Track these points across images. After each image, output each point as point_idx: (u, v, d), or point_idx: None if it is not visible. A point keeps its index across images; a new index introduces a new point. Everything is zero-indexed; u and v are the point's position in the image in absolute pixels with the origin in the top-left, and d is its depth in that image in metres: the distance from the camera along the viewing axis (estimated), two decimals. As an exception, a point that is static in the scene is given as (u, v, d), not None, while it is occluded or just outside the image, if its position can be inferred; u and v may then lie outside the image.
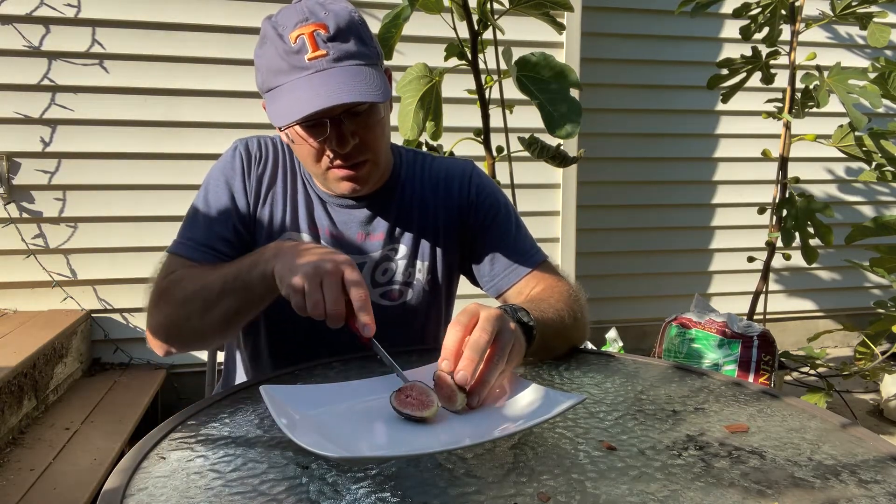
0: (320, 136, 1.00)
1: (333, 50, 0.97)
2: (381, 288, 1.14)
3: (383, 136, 1.07)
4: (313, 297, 0.81)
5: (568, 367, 0.99)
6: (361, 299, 0.81)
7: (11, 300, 2.58)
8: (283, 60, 0.97)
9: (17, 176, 2.53)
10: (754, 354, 2.31)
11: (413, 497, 0.61)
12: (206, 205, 1.11)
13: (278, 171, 1.14)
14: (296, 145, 1.05)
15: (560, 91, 1.66)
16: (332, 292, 0.81)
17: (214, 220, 1.09)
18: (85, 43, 2.54)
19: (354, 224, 1.14)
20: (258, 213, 1.12)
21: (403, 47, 2.62)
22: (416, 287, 1.16)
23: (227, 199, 1.11)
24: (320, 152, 1.02)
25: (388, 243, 1.14)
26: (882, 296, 3.61)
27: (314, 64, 0.96)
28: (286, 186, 1.14)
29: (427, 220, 1.17)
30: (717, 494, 0.61)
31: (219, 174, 1.13)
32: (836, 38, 3.51)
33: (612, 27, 3.25)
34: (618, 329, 2.70)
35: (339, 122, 0.99)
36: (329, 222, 1.13)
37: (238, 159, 1.13)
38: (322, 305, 0.81)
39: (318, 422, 0.75)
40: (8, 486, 1.72)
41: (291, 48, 0.96)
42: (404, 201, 1.16)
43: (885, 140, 2.35)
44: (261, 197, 1.12)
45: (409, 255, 1.15)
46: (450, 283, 1.22)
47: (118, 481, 0.64)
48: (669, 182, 3.42)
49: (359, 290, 0.81)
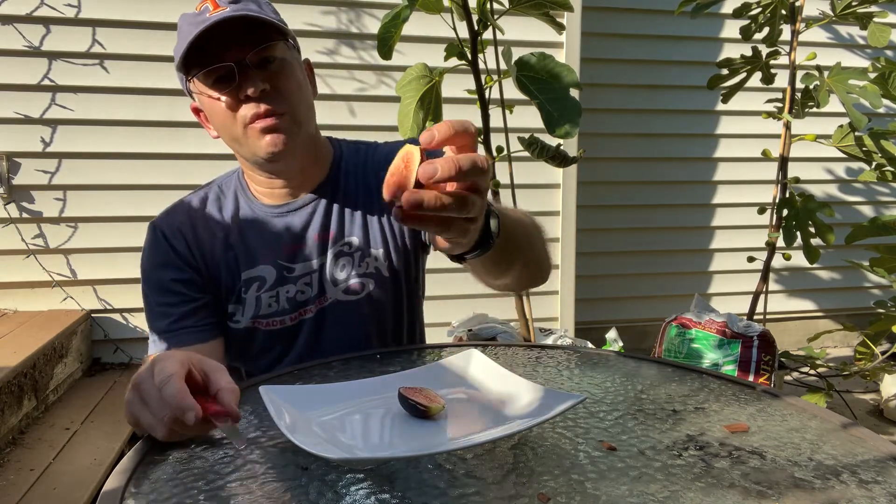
0: (228, 85, 0.99)
1: (234, 7, 0.98)
2: (342, 284, 1.13)
3: (300, 92, 1.05)
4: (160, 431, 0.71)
5: (568, 366, 0.99)
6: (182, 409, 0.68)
7: (11, 300, 2.58)
8: (189, 25, 0.98)
9: (17, 176, 2.53)
10: (754, 354, 2.31)
11: (413, 498, 0.61)
12: (154, 293, 1.09)
13: (208, 225, 1.11)
14: (212, 113, 1.03)
15: (560, 91, 1.65)
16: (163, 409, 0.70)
17: (170, 302, 1.08)
18: (85, 43, 2.54)
19: (305, 227, 1.12)
20: (209, 272, 1.10)
21: (403, 47, 2.63)
22: (376, 277, 1.14)
23: (169, 279, 1.08)
24: (234, 107, 1.00)
25: (340, 238, 1.13)
26: (882, 296, 3.61)
27: (214, 15, 0.96)
28: (222, 233, 1.11)
29: (373, 206, 1.14)
30: (717, 495, 0.61)
31: (149, 263, 1.11)
32: (836, 38, 3.51)
33: (612, 27, 3.25)
34: (618, 329, 2.69)
35: (247, 66, 0.98)
36: (281, 239, 1.11)
37: (161, 239, 1.10)
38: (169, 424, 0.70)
39: (317, 423, 0.75)
40: (8, 486, 1.72)
41: (195, 13, 0.99)
42: (349, 192, 1.14)
43: (885, 140, 2.35)
44: (204, 259, 1.10)
45: (362, 245, 1.13)
46: (410, 267, 1.18)
47: (118, 482, 0.64)
48: (669, 182, 3.43)
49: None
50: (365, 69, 2.82)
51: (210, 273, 1.11)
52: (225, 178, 1.18)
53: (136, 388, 0.73)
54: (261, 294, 1.10)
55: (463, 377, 0.87)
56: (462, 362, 0.90)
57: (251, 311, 1.11)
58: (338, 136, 1.22)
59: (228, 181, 1.17)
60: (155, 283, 1.10)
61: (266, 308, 1.11)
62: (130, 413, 0.74)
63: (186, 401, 0.68)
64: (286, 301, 1.11)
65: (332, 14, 2.78)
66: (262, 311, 1.11)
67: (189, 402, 0.68)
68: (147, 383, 0.71)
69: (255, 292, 1.10)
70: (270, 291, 1.11)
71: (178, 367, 0.71)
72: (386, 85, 2.82)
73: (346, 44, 2.80)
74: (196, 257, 1.10)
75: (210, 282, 1.11)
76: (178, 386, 0.69)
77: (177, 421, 0.68)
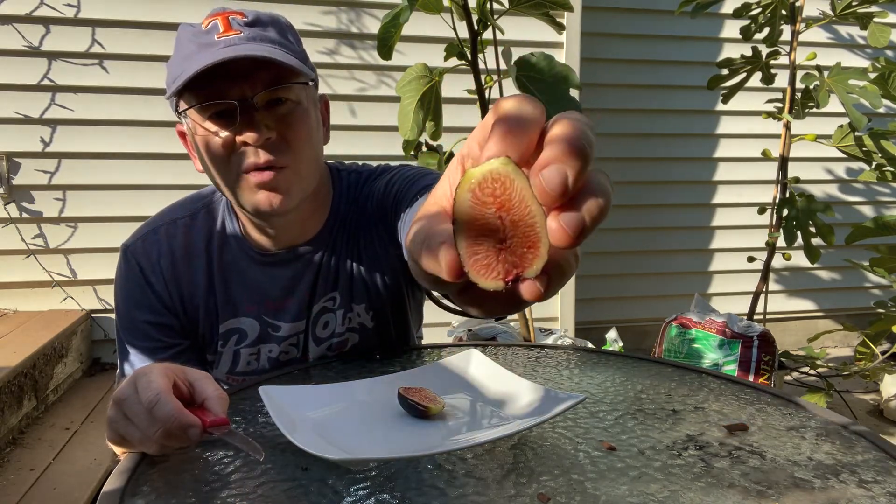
0: (227, 123, 0.85)
1: (249, 32, 0.85)
2: (325, 343, 1.03)
3: (309, 142, 0.90)
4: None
5: (568, 366, 0.99)
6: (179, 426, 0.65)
7: (11, 300, 2.58)
8: (192, 43, 0.84)
9: (17, 176, 2.53)
10: (754, 354, 2.31)
11: (413, 498, 0.61)
12: (127, 332, 0.98)
13: (190, 262, 0.99)
14: (202, 147, 0.88)
15: (560, 91, 1.65)
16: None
17: (145, 347, 0.97)
18: (85, 43, 2.54)
19: (296, 282, 1.00)
20: (187, 317, 0.99)
21: (403, 47, 2.63)
22: (360, 330, 1.04)
23: (143, 321, 0.97)
24: (229, 148, 0.86)
25: (326, 293, 1.01)
26: (882, 296, 3.61)
27: (225, 40, 0.83)
28: (205, 273, 0.99)
29: (359, 250, 1.01)
30: (717, 494, 0.61)
31: (122, 297, 0.99)
32: (836, 38, 3.51)
33: (612, 27, 3.25)
34: (618, 329, 2.69)
35: (252, 107, 0.84)
36: (269, 292, 0.99)
37: (136, 272, 0.98)
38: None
39: (317, 423, 0.75)
40: (8, 486, 1.71)
41: (201, 30, 0.85)
42: (340, 245, 1.01)
43: (885, 140, 2.35)
44: (182, 302, 0.98)
45: (343, 302, 1.02)
46: (404, 300, 1.07)
47: (118, 482, 0.64)
48: (669, 182, 3.43)
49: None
50: (365, 69, 2.82)
51: (188, 319, 0.99)
52: (214, 196, 1.03)
53: (118, 406, 0.68)
54: (240, 349, 1.00)
55: (463, 377, 0.87)
56: (462, 362, 0.90)
57: (227, 366, 1.01)
58: (338, 135, 1.21)
59: (217, 203, 1.03)
60: (127, 322, 0.98)
61: (244, 365, 1.01)
62: (114, 431, 0.69)
63: (186, 418, 0.65)
64: (267, 361, 1.01)
65: (332, 14, 2.78)
66: (239, 367, 1.01)
67: (190, 418, 0.65)
68: (132, 400, 0.66)
69: (233, 346, 1.00)
70: (251, 348, 1.00)
71: (164, 381, 0.67)
72: (386, 85, 2.82)
73: (346, 44, 2.80)
74: (174, 300, 0.98)
75: (189, 327, 0.99)
76: (172, 404, 0.65)
77: (169, 437, 0.65)
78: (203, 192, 1.05)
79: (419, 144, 1.97)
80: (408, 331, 1.11)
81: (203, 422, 0.67)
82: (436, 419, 0.76)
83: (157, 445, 0.67)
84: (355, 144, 2.77)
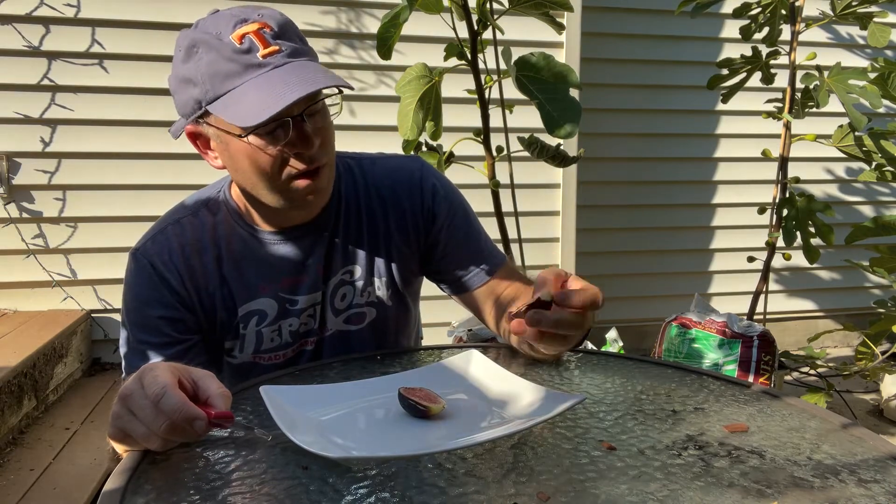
0: (282, 139, 0.90)
1: (285, 46, 0.89)
2: (343, 314, 1.08)
3: (334, 136, 0.99)
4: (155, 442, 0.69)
5: (568, 367, 0.99)
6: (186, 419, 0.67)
7: (11, 300, 2.58)
8: (232, 62, 0.87)
9: (17, 176, 2.53)
10: (754, 354, 2.31)
11: (413, 497, 0.61)
12: (137, 329, 0.99)
13: (200, 255, 1.01)
14: (247, 160, 0.92)
15: (560, 91, 1.65)
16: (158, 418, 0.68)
17: (153, 343, 0.98)
18: (85, 43, 2.54)
19: (307, 256, 1.04)
20: (203, 310, 1.02)
21: (403, 47, 2.63)
22: (378, 305, 1.10)
23: (156, 316, 0.99)
24: (279, 161, 0.91)
25: (343, 266, 1.07)
26: (882, 296, 3.61)
27: (270, 60, 0.87)
28: (215, 263, 1.02)
29: (377, 233, 1.08)
30: (716, 494, 0.61)
31: (133, 297, 1.00)
32: (836, 38, 3.51)
33: (612, 27, 3.25)
34: (618, 329, 2.69)
35: (302, 120, 0.90)
36: (282, 269, 1.04)
37: (149, 271, 0.99)
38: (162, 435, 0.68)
39: (318, 422, 0.75)
40: (8, 486, 1.72)
41: (239, 48, 0.87)
42: (350, 218, 1.07)
43: (885, 140, 2.35)
44: (199, 294, 1.01)
45: (364, 275, 1.08)
46: (412, 288, 1.16)
47: (118, 482, 0.64)
48: (669, 182, 3.43)
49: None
50: (365, 69, 2.82)
51: (205, 310, 1.02)
52: (209, 197, 1.07)
53: (123, 401, 0.70)
54: (262, 329, 1.04)
55: (463, 377, 0.88)
56: (462, 363, 0.90)
57: (251, 347, 1.05)
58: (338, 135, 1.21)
59: (214, 202, 1.06)
60: (139, 319, 0.99)
61: (269, 343, 1.06)
62: (118, 427, 0.70)
63: (192, 410, 0.67)
64: (289, 335, 1.06)
65: (332, 14, 2.78)
66: (263, 346, 1.06)
67: (195, 411, 0.67)
68: (137, 394, 0.68)
69: (255, 327, 1.04)
70: (272, 326, 1.05)
71: (170, 376, 0.69)
72: (386, 85, 2.82)
73: (346, 44, 2.80)
74: (191, 293, 1.00)
75: (204, 320, 1.02)
76: (178, 397, 0.67)
77: (174, 430, 0.67)
78: (200, 192, 1.09)
79: (419, 144, 1.98)
80: (415, 315, 1.20)
81: (208, 414, 0.68)
82: (436, 419, 0.76)
83: (160, 441, 0.68)
84: (355, 144, 2.76)
